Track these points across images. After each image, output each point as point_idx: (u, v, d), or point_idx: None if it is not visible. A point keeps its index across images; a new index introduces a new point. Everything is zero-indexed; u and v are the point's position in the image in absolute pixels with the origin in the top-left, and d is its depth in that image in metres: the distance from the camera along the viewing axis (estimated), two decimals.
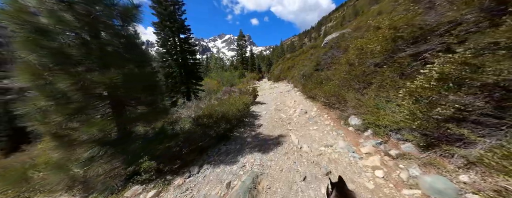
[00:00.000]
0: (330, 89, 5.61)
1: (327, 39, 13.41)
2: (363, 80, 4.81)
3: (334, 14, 61.62)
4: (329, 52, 10.63)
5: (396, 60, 3.68)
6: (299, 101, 7.83)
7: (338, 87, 5.43)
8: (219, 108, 4.54)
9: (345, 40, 10.00)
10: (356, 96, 4.28)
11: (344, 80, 5.54)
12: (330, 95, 5.54)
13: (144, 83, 3.07)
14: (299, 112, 5.80)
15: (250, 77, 25.73)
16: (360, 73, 4.97)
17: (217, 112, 4.03)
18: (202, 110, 4.52)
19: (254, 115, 6.07)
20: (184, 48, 16.05)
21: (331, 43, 11.60)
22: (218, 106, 4.51)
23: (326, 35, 35.25)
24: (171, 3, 14.95)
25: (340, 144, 3.21)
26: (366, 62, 4.96)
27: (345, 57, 6.08)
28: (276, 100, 8.92)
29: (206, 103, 6.48)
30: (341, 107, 4.86)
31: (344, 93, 4.88)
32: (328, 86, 5.86)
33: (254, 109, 7.12)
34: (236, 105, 4.72)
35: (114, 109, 2.97)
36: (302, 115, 5.55)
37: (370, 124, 3.32)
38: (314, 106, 6.54)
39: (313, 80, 8.54)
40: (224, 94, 7.88)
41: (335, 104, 5.21)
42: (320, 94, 6.31)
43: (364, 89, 4.60)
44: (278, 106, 7.44)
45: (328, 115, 5.14)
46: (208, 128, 3.90)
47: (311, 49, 17.56)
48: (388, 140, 2.93)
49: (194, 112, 4.59)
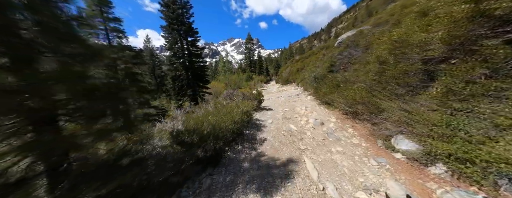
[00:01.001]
0: (355, 94, 4.22)
1: (341, 38, 11.88)
2: (406, 83, 3.39)
3: (345, 16, 58.83)
4: (345, 51, 9.15)
5: (475, 51, 2.28)
6: (312, 108, 6.46)
7: (365, 92, 4.03)
8: (211, 117, 3.37)
9: (365, 37, 8.48)
10: (400, 106, 2.89)
11: (374, 83, 4.13)
12: (354, 102, 4.15)
13: (87, 85, 2.01)
14: (313, 122, 4.48)
15: (258, 80, 24.61)
16: (400, 73, 3.55)
17: (205, 125, 2.86)
18: (188, 121, 3.38)
19: (257, 125, 4.84)
20: (191, 51, 15.44)
21: (347, 41, 10.10)
22: (209, 116, 3.36)
23: (337, 36, 33.34)
24: (179, 7, 14.45)
25: (393, 187, 1.86)
26: (410, 58, 3.54)
27: (374, 54, 4.66)
28: (284, 105, 7.61)
29: (204, 109, 5.37)
30: (373, 119, 3.46)
31: (377, 101, 3.49)
32: (351, 91, 4.48)
33: (258, 116, 5.89)
34: (233, 114, 3.52)
35: (37, 126, 1.93)
36: (318, 127, 4.21)
37: (441, 154, 1.95)
38: (332, 114, 5.15)
39: (327, 83, 7.14)
40: (226, 99, 6.80)
41: (363, 113, 3.82)
42: (339, 101, 4.92)
43: (411, 95, 3.18)
44: (287, 113, 6.14)
45: (354, 128, 3.76)
46: (191, 147, 2.75)
47: (322, 50, 16.04)
48: (495, 191, 1.55)
49: (181, 123, 3.48)
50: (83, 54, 1.97)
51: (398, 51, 3.95)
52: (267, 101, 9.20)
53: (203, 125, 2.82)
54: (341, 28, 44.03)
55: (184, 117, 3.76)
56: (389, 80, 3.75)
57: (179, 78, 15.13)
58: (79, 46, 1.93)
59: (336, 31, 44.64)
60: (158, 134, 3.07)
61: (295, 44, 66.62)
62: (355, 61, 7.64)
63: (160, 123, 3.50)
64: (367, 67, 5.21)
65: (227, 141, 3.33)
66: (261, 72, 32.44)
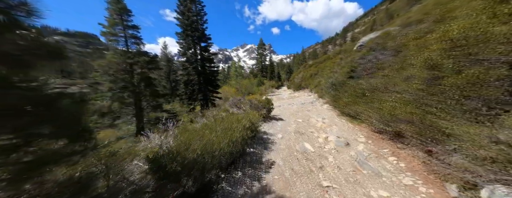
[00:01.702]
0: (395, 108, 3.13)
1: (362, 41, 10.59)
2: (481, 97, 2.26)
3: (361, 20, 55.80)
4: (369, 55, 7.91)
5: None
6: (330, 120, 5.37)
7: (412, 107, 2.92)
8: (207, 133, 2.60)
9: (395, 38, 7.21)
10: (492, 134, 1.79)
11: (423, 94, 3.01)
12: (394, 119, 3.07)
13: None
14: (334, 142, 3.46)
15: (269, 85, 23.78)
16: (469, 82, 2.43)
17: (192, 148, 2.09)
18: (181, 136, 2.64)
19: (264, 141, 3.96)
20: (204, 56, 15.40)
21: (370, 44, 8.83)
22: (201, 131, 2.59)
23: (354, 40, 31.31)
24: (194, 14, 14.61)
25: None
26: (484, 60, 2.42)
27: (419, 56, 3.53)
28: (296, 114, 6.62)
29: (206, 118, 4.68)
30: (431, 145, 2.37)
31: (437, 121, 2.39)
32: (387, 104, 3.38)
33: (267, 128, 5.01)
34: (232, 131, 2.70)
35: None
36: (342, 149, 3.18)
37: None
38: (358, 130, 4.05)
39: (349, 91, 6.01)
40: (231, 106, 6.08)
41: (411, 136, 2.71)
42: (369, 114, 3.83)
43: (492, 115, 2.06)
44: (300, 125, 5.15)
45: (397, 156, 2.67)
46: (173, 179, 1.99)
47: (338, 54, 14.72)
48: None
49: (172, 139, 2.77)
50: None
51: (458, 51, 2.83)
52: (278, 108, 8.27)
53: (189, 148, 2.05)
54: (358, 32, 41.46)
55: (177, 131, 3.06)
56: (449, 91, 2.63)
57: (191, 83, 15.07)
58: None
59: (352, 35, 42.19)
60: (141, 153, 2.39)
61: (308, 49, 64.78)
62: (382, 66, 6.42)
63: (146, 138, 2.84)
64: (405, 73, 4.06)
65: (223, 167, 2.52)
66: (273, 78, 31.61)
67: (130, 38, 10.83)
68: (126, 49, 10.55)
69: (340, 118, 5.49)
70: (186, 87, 15.53)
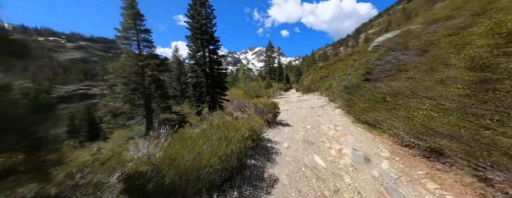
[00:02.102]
0: (431, 119, 2.48)
1: (378, 41, 9.69)
2: None
3: (375, 20, 52.88)
4: (387, 55, 7.10)
5: None
6: (344, 127, 4.73)
7: (457, 118, 2.26)
8: (200, 144, 2.21)
9: (419, 37, 6.35)
10: None
11: (471, 102, 2.33)
12: (430, 131, 2.42)
13: None
14: (351, 156, 2.88)
15: (277, 87, 23.20)
16: None
17: (178, 163, 1.70)
18: (173, 145, 2.29)
19: (268, 150, 3.48)
20: (212, 59, 15.43)
21: (388, 44, 7.97)
22: (192, 141, 2.21)
23: (367, 41, 29.62)
24: (204, 17, 14.76)
25: None
26: None
27: (464, 55, 2.84)
28: (305, 120, 6.03)
29: (205, 123, 4.35)
30: (491, 171, 1.72)
31: (499, 139, 1.75)
32: (420, 112, 2.72)
33: (272, 135, 4.52)
34: (225, 144, 2.25)
35: None
36: (362, 167, 2.59)
37: None
38: (378, 142, 3.40)
39: (365, 95, 5.31)
40: (235, 110, 5.70)
41: (457, 156, 2.06)
42: (393, 124, 3.18)
43: None
44: (309, 132, 4.58)
45: (438, 181, 2.04)
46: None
47: (351, 55, 13.78)
48: None
49: (161, 147, 2.43)
50: None
51: None
52: (285, 112, 7.72)
53: (173, 163, 1.66)
54: (372, 33, 39.22)
55: (171, 138, 2.72)
56: (508, 98, 1.96)
57: (199, 85, 15.13)
58: None
59: (366, 36, 40.01)
60: (128, 163, 2.07)
61: (318, 51, 62.83)
62: (405, 67, 5.62)
63: (135, 147, 2.53)
64: (438, 75, 3.35)
65: (217, 184, 2.10)
66: (281, 80, 30.95)
67: (142, 42, 11.10)
68: (138, 52, 10.82)
69: (355, 125, 4.81)
70: (194, 90, 15.62)
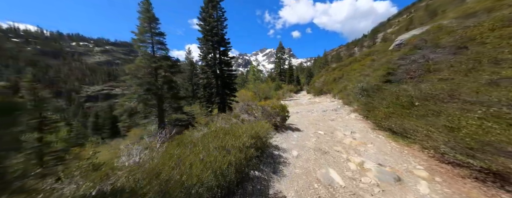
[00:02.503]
0: (489, 131, 1.87)
1: (400, 39, 8.71)
2: None
3: (395, 19, 48.97)
4: (413, 54, 6.24)
5: None
6: (363, 134, 4.11)
7: None
8: (192, 157, 1.90)
9: (454, 32, 5.45)
10: None
11: None
12: (488, 147, 1.81)
13: None
14: (376, 172, 2.34)
15: (287, 89, 22.52)
16: None
17: (163, 178, 1.40)
18: (163, 157, 2.01)
19: (275, 159, 3.07)
20: (222, 60, 15.47)
21: (414, 41, 7.04)
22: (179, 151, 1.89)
23: (385, 41, 27.52)
24: (215, 20, 14.93)
25: None
26: None
27: None
28: (317, 125, 5.47)
29: (210, 126, 4.08)
30: None
31: None
32: (473, 122, 2.10)
33: (280, 140, 4.09)
34: (221, 157, 1.89)
35: None
36: (393, 190, 2.04)
37: None
38: (408, 154, 2.78)
39: (388, 98, 4.62)
40: (241, 112, 5.38)
41: None
42: (430, 135, 2.56)
43: None
44: (322, 139, 4.06)
45: None
46: None
47: (367, 55, 12.73)
48: None
49: (151, 156, 2.17)
50: None
51: None
52: (295, 115, 7.21)
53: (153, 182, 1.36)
54: (391, 33, 36.31)
55: (167, 144, 2.47)
56: None
57: (209, 86, 15.24)
58: None
59: (383, 36, 37.21)
60: (118, 172, 1.84)
61: (330, 52, 60.19)
62: (436, 67, 4.83)
63: (126, 153, 2.33)
64: (485, 75, 2.66)
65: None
66: (291, 82, 30.10)
67: (156, 44, 11.47)
68: (152, 54, 11.17)
69: (375, 132, 4.17)
70: (204, 91, 15.76)
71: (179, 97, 12.68)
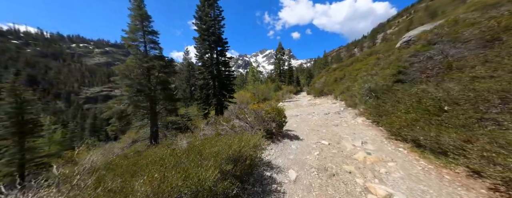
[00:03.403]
0: None
1: (409, 35, 7.84)
2: None
3: (394, 20, 48.03)
4: (428, 50, 5.37)
5: None
6: (377, 145, 3.24)
7: None
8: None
9: (477, 24, 4.57)
10: None
11: None
12: None
13: None
14: None
15: (287, 90, 21.64)
16: None
17: None
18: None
19: (264, 186, 2.23)
20: (219, 60, 14.64)
21: (426, 37, 6.16)
22: None
23: (387, 41, 26.64)
24: (212, 19, 14.14)
25: None
26: None
27: None
28: (319, 131, 4.61)
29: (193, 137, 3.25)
30: None
31: None
32: None
33: (274, 153, 3.24)
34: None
35: None
36: None
37: None
38: (455, 184, 1.92)
39: (405, 102, 3.75)
40: (232, 116, 4.53)
41: None
42: (486, 154, 1.71)
43: None
44: (326, 151, 3.20)
45: None
46: None
47: (369, 55, 11.84)
48: None
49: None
50: None
51: None
52: (294, 118, 6.35)
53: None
54: (391, 34, 35.36)
55: None
56: None
57: (206, 87, 14.43)
58: None
59: (384, 36, 36.26)
60: None
61: (330, 53, 59.15)
62: (461, 64, 3.95)
63: None
64: None
65: None
66: (291, 83, 29.25)
67: (149, 43, 10.67)
68: (145, 53, 10.37)
69: (392, 143, 3.30)
70: (201, 92, 14.95)
71: (174, 99, 11.84)
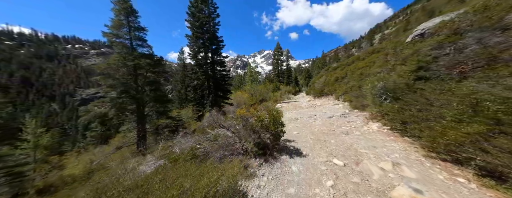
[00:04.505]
0: None
1: (423, 27, 6.75)
2: None
3: (391, 21, 47.38)
4: (455, 41, 4.27)
5: None
6: (421, 172, 2.11)
7: None
8: None
9: None
10: None
11: None
12: None
13: None
14: None
15: (285, 91, 20.53)
16: None
17: None
18: None
19: None
20: (214, 59, 13.45)
21: (452, 27, 5.05)
22: None
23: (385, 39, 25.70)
24: (206, 16, 12.98)
25: None
26: None
27: None
28: (326, 141, 3.48)
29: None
30: None
31: None
32: None
33: (267, 181, 2.11)
34: None
35: None
36: None
37: None
38: None
39: (451, 108, 2.62)
40: (212, 125, 3.39)
41: None
42: None
43: None
44: (345, 180, 2.09)
45: None
46: None
47: (371, 54, 10.76)
48: None
49: None
50: None
51: None
52: (294, 123, 5.23)
53: None
54: (388, 34, 34.51)
55: None
56: None
57: (200, 87, 13.25)
58: None
59: (382, 36, 35.38)
60: None
61: (329, 54, 58.16)
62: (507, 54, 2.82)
63: None
64: None
65: None
66: (290, 83, 28.17)
67: (135, 40, 9.49)
68: (130, 51, 9.19)
69: (436, 164, 2.18)
70: (195, 93, 13.77)
71: (165, 100, 10.65)
